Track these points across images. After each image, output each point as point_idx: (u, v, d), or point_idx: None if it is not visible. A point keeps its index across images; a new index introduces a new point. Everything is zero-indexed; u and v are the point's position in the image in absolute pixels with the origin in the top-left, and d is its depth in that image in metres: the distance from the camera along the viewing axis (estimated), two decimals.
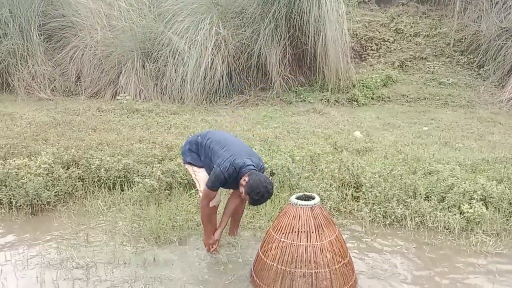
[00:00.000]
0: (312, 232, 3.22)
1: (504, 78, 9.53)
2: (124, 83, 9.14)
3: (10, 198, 4.51)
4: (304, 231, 3.23)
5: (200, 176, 3.65)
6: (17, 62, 9.59)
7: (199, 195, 3.74)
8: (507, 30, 9.80)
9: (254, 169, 3.40)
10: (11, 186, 4.57)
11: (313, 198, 3.32)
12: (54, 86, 9.60)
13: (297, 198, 3.32)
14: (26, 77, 9.55)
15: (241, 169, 3.36)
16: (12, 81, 9.57)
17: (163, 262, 3.70)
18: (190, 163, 3.67)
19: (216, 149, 3.46)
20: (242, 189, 3.35)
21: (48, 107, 8.47)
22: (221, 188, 3.68)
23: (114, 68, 9.38)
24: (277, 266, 3.22)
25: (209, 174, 3.57)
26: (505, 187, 4.65)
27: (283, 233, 3.26)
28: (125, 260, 3.70)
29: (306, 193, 3.44)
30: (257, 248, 3.55)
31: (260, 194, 3.27)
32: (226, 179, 3.37)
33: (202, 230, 3.79)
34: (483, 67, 10.11)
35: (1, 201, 4.53)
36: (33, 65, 9.65)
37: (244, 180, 3.32)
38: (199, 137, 3.65)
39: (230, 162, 3.33)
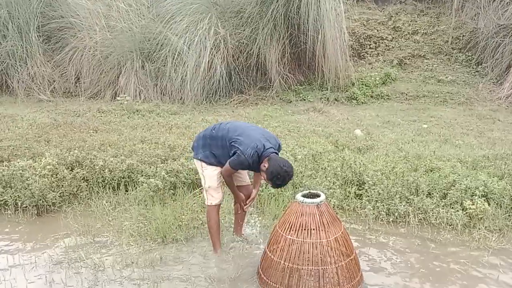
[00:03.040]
0: (319, 229, 3.25)
1: (502, 75, 9.57)
2: (124, 84, 9.14)
3: (16, 199, 4.54)
4: (311, 229, 3.26)
5: (207, 173, 3.66)
6: (16, 64, 9.57)
7: (204, 195, 3.75)
8: (504, 27, 9.84)
9: (274, 152, 3.47)
10: (17, 188, 4.60)
11: (318, 196, 3.36)
12: (54, 87, 9.59)
13: (303, 195, 3.36)
14: (26, 78, 9.53)
15: (263, 153, 3.43)
16: (12, 82, 9.55)
17: (170, 261, 3.74)
18: (201, 160, 3.66)
19: (235, 137, 3.48)
20: (264, 175, 3.45)
21: (48, 109, 8.49)
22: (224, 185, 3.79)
23: (113, 68, 9.37)
24: (284, 263, 3.26)
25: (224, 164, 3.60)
26: (506, 183, 4.71)
27: (289, 231, 3.29)
28: (133, 259, 3.73)
29: (311, 190, 3.47)
30: (263, 246, 3.58)
31: (281, 179, 3.36)
32: (250, 164, 3.45)
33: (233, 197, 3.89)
34: (481, 64, 10.16)
35: (7, 202, 4.56)
36: (32, 67, 9.62)
37: (264, 166, 3.40)
38: (213, 130, 3.63)
39: (253, 148, 3.39)
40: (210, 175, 3.64)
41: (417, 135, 7.07)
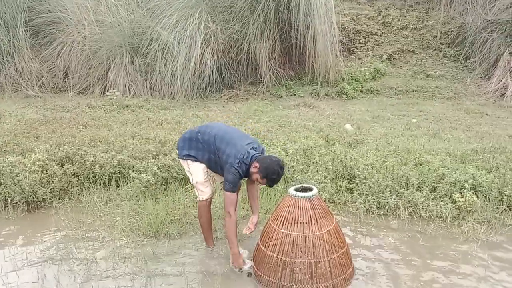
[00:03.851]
0: (311, 222, 3.28)
1: (490, 70, 9.69)
2: (113, 79, 9.09)
3: (6, 196, 4.49)
4: (303, 222, 3.29)
5: (193, 169, 3.65)
6: (3, 59, 9.46)
7: (196, 192, 3.73)
8: (492, 23, 9.95)
9: (258, 155, 3.48)
10: (6, 184, 4.55)
11: (310, 190, 3.38)
12: (42, 83, 9.51)
13: (295, 189, 3.38)
14: (13, 74, 9.43)
15: (250, 161, 3.42)
16: None
17: (163, 256, 3.74)
18: (186, 157, 3.64)
19: (222, 148, 3.47)
20: (256, 176, 3.41)
21: (36, 104, 8.41)
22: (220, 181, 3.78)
23: (102, 64, 9.31)
24: (277, 257, 3.28)
25: (213, 167, 3.61)
26: (494, 176, 4.78)
27: (282, 224, 3.31)
28: (125, 254, 3.73)
29: (304, 184, 3.49)
30: (256, 239, 3.60)
31: (276, 173, 3.37)
32: (241, 175, 3.43)
33: (228, 245, 3.57)
34: (469, 59, 10.28)
35: None
36: (19, 62, 9.53)
37: (256, 167, 3.38)
38: (199, 134, 3.62)
39: (239, 159, 3.37)
40: (196, 169, 3.63)
41: (406, 129, 7.14)
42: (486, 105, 8.74)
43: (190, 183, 3.81)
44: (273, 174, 3.37)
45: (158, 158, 5.16)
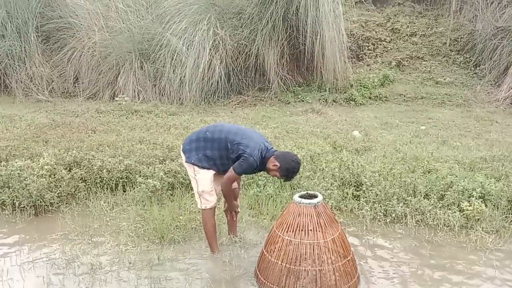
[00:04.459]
0: (316, 230, 3.26)
1: (500, 77, 9.60)
2: (123, 84, 9.15)
3: (13, 200, 4.53)
4: (308, 229, 3.27)
5: (200, 177, 3.61)
6: (14, 64, 9.57)
7: (196, 199, 3.71)
8: (502, 29, 9.88)
9: (275, 150, 3.59)
10: (14, 188, 4.59)
11: (316, 197, 3.37)
12: (52, 88, 9.60)
13: (300, 196, 3.37)
14: (24, 78, 9.53)
15: (266, 154, 3.50)
16: (10, 82, 9.56)
17: (168, 262, 3.74)
18: (195, 161, 3.60)
19: (237, 139, 3.50)
20: (275, 173, 3.53)
21: (46, 109, 8.49)
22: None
23: (112, 69, 9.38)
24: (281, 264, 3.27)
25: (225, 164, 3.59)
26: (504, 184, 4.73)
27: (287, 231, 3.30)
28: (130, 260, 3.73)
29: (309, 191, 3.48)
30: (261, 247, 3.59)
31: (295, 170, 3.53)
32: (257, 165, 3.50)
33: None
34: (479, 66, 10.19)
35: (5, 203, 4.56)
36: (31, 67, 9.64)
37: (275, 165, 3.47)
38: (207, 133, 3.60)
39: (258, 150, 3.45)
40: (203, 178, 3.60)
41: (415, 136, 7.09)
42: (496, 113, 8.65)
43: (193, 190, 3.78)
44: (293, 173, 3.53)
45: (165, 163, 5.18)
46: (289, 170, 3.47)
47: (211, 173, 3.61)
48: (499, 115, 8.53)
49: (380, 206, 4.54)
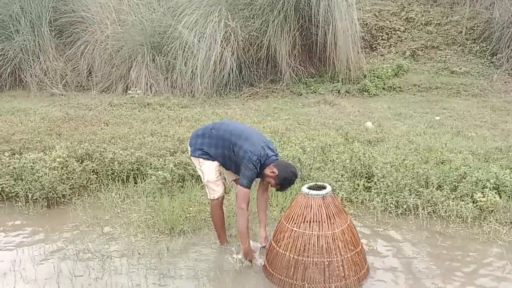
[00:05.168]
0: (324, 221, 3.23)
1: None
2: (135, 77, 9.20)
3: (26, 192, 4.60)
4: (316, 221, 3.24)
5: (205, 167, 3.64)
6: (29, 58, 9.71)
7: (208, 191, 3.72)
8: None
9: (276, 159, 3.52)
10: (27, 180, 4.66)
11: (324, 188, 3.34)
12: (66, 81, 9.71)
13: (309, 188, 3.34)
14: (38, 72, 9.66)
15: (265, 161, 3.45)
16: (25, 77, 9.70)
17: (177, 253, 3.76)
18: (199, 154, 3.63)
19: (239, 143, 3.47)
20: (270, 180, 3.48)
21: (60, 102, 8.59)
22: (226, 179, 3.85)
23: (124, 62, 9.43)
24: (289, 255, 3.25)
25: (227, 164, 3.61)
26: None
27: (295, 223, 3.28)
28: (140, 251, 3.76)
29: (317, 182, 3.45)
30: (269, 238, 3.58)
31: (292, 183, 3.50)
32: (258, 172, 3.46)
33: (240, 240, 3.60)
34: (496, 55, 9.95)
35: (18, 194, 4.63)
36: (44, 61, 9.75)
37: (273, 172, 3.42)
38: (213, 130, 3.62)
39: (257, 156, 3.40)
40: (208, 168, 3.62)
41: (429, 127, 6.98)
42: None
43: (202, 182, 3.80)
44: (288, 184, 3.49)
45: (175, 156, 5.19)
46: (286, 180, 3.42)
47: (215, 163, 3.62)
48: None
49: (392, 198, 4.48)
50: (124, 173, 5.01)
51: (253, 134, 3.61)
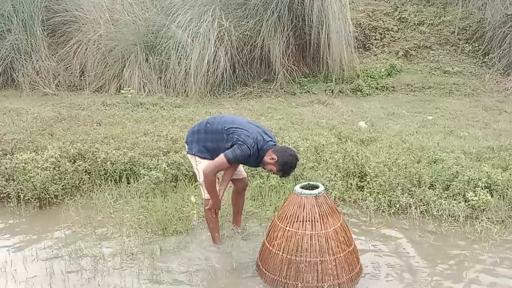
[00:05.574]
0: (317, 220, 3.24)
1: (510, 65, 9.44)
2: (128, 77, 9.15)
3: (18, 192, 4.56)
4: (309, 220, 3.25)
5: (201, 167, 3.61)
6: (21, 58, 9.62)
7: (202, 190, 3.70)
8: None
9: (274, 143, 3.51)
10: (19, 180, 4.62)
11: (317, 187, 3.34)
12: (59, 81, 9.63)
13: (302, 187, 3.34)
14: (31, 72, 9.58)
15: (263, 146, 3.43)
16: (17, 76, 9.60)
17: (170, 253, 3.75)
18: (196, 152, 3.62)
19: (233, 128, 3.45)
20: (271, 167, 3.45)
21: (53, 102, 8.53)
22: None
23: (117, 62, 9.38)
24: (282, 255, 3.25)
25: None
26: (510, 174, 4.66)
27: (288, 222, 3.28)
28: (132, 251, 3.75)
29: (310, 182, 3.45)
30: (262, 237, 3.58)
31: (293, 167, 3.48)
32: (250, 155, 3.41)
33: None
34: (488, 55, 10.03)
35: (9, 195, 4.59)
36: (37, 60, 9.68)
37: (272, 158, 3.41)
38: (208, 124, 3.60)
39: (253, 140, 3.39)
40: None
41: (421, 126, 7.02)
42: (505, 102, 8.52)
43: (197, 180, 3.80)
44: (290, 168, 3.46)
45: (168, 155, 5.18)
46: (287, 164, 3.41)
47: None
48: (508, 104, 8.39)
49: (384, 197, 4.50)
50: (117, 173, 4.99)
51: (248, 122, 3.62)
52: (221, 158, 3.40)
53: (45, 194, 4.60)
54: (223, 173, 3.70)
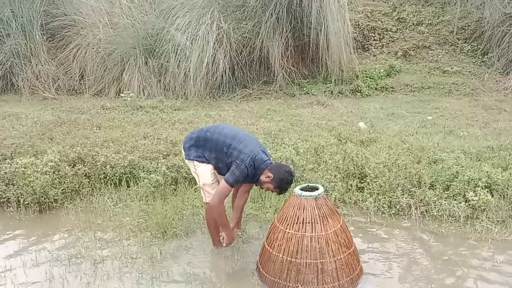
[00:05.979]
0: (317, 222, 3.24)
1: (509, 65, 9.44)
2: (128, 80, 9.16)
3: (18, 197, 4.56)
4: (309, 222, 3.25)
5: (200, 170, 3.63)
6: (20, 62, 9.62)
7: (203, 194, 3.70)
8: (511, 16, 9.69)
9: (271, 163, 3.52)
10: (19, 185, 4.62)
11: (317, 189, 3.34)
12: (58, 85, 9.63)
13: (301, 189, 3.34)
14: (30, 76, 9.57)
15: (260, 165, 3.44)
16: (17, 81, 9.60)
17: (169, 256, 3.74)
18: (193, 157, 3.62)
19: (234, 144, 3.47)
20: (268, 185, 3.48)
21: (52, 106, 8.52)
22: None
23: (117, 65, 9.38)
24: (282, 257, 3.25)
25: (220, 168, 3.60)
26: (510, 174, 4.65)
27: (288, 224, 3.28)
28: (132, 255, 3.74)
29: (310, 184, 3.45)
30: (262, 240, 3.58)
31: (289, 183, 3.48)
32: (249, 174, 3.43)
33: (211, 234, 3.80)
34: (487, 54, 10.03)
35: (9, 200, 4.59)
36: (36, 65, 9.68)
37: (269, 177, 3.43)
38: (208, 133, 3.61)
39: (252, 158, 3.40)
40: (203, 170, 3.61)
41: (421, 127, 7.01)
42: (504, 101, 8.51)
43: (197, 184, 3.79)
44: (287, 184, 3.46)
45: (168, 158, 5.18)
46: (283, 181, 3.42)
47: (210, 166, 3.61)
48: (507, 103, 8.38)
49: (385, 198, 4.50)
50: (117, 176, 4.98)
51: (248, 138, 3.61)
52: (222, 184, 3.44)
53: (44, 199, 4.60)
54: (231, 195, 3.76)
